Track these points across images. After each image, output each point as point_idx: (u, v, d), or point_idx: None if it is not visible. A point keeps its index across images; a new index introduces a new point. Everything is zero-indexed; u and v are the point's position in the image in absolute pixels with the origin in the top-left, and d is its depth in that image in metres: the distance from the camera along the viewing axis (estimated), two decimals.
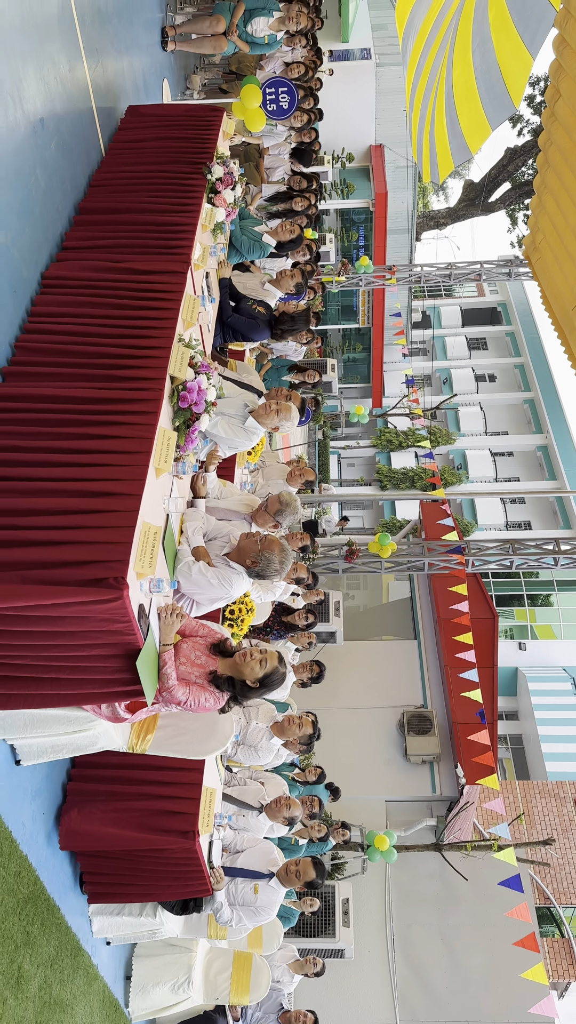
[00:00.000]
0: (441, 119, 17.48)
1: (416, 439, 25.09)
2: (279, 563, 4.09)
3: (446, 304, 32.70)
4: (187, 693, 3.52)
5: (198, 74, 8.42)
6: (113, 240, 4.52)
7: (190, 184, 5.01)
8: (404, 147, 21.08)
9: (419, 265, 16.27)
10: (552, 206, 9.82)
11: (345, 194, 20.85)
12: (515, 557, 11.16)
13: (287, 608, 7.36)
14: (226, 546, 4.21)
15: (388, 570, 11.32)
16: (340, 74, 19.30)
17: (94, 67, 5.48)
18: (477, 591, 12.72)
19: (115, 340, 3.90)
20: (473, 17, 14.53)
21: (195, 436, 4.00)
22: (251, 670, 3.65)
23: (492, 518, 25.53)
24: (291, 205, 7.87)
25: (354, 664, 12.02)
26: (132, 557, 3.16)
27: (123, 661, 3.27)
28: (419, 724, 10.87)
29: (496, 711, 11.48)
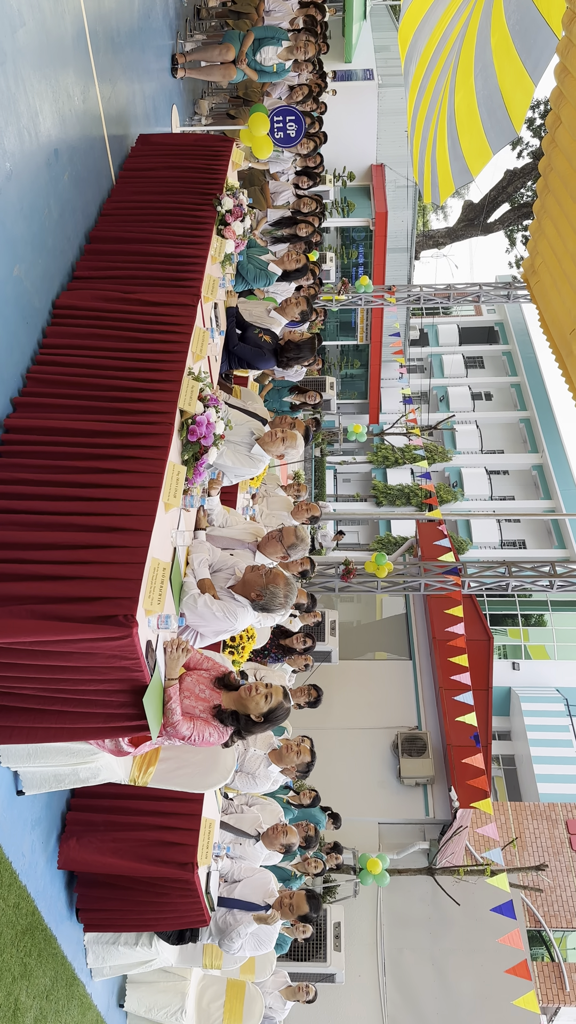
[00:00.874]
0: (443, 141, 17.65)
1: (412, 456, 25.19)
2: (284, 597, 4.11)
3: (443, 322, 32.87)
4: (191, 728, 3.53)
5: (206, 99, 8.49)
6: (124, 270, 4.56)
7: (200, 215, 5.05)
8: (405, 167, 21.26)
9: (418, 286, 16.38)
10: (551, 231, 9.92)
11: (346, 212, 20.99)
12: (511, 579, 11.20)
13: (285, 631, 7.37)
14: (231, 578, 4.22)
15: (384, 590, 11.34)
16: (343, 94, 19.46)
17: (107, 94, 5.54)
18: (472, 612, 12.74)
19: (125, 373, 3.93)
20: (476, 43, 14.69)
21: (203, 469, 4.03)
22: (256, 704, 3.65)
23: (487, 536, 25.58)
24: (296, 230, 7.92)
25: (349, 684, 12.00)
26: (141, 594, 3.18)
27: (129, 696, 3.28)
28: (413, 746, 10.86)
29: (490, 734, 11.47)
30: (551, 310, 10.60)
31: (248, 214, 5.31)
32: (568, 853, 15.47)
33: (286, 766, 5.74)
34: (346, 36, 21.04)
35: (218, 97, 9.00)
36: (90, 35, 5.20)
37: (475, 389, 30.40)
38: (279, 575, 4.12)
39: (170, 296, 4.38)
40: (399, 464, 26.75)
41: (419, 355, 30.98)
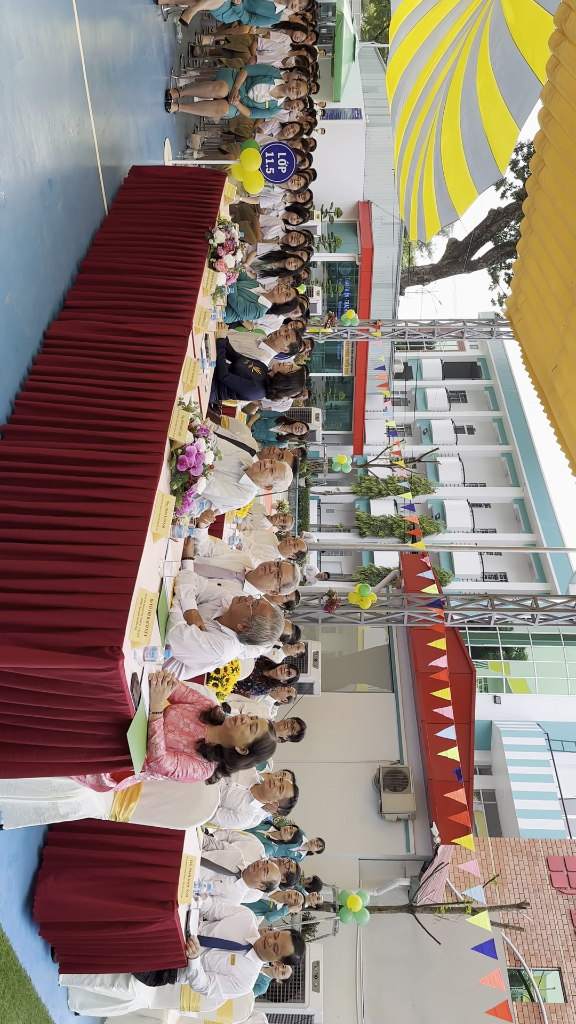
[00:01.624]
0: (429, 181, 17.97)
1: (396, 488, 25.29)
2: (270, 628, 4.07)
3: (427, 356, 33.24)
4: (175, 763, 3.46)
5: (198, 134, 8.61)
6: (115, 301, 4.57)
7: (192, 248, 5.09)
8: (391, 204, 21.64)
9: (403, 320, 16.58)
10: (535, 270, 10.10)
11: (332, 247, 21.28)
12: (494, 612, 11.21)
13: (268, 662, 7.31)
14: (217, 609, 4.18)
15: (368, 621, 11.31)
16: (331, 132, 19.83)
17: (101, 126, 5.59)
18: (455, 645, 12.71)
19: (115, 401, 3.92)
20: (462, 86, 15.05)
21: (192, 499, 4.01)
22: (241, 735, 3.60)
23: (469, 568, 25.63)
24: (285, 265, 8.00)
25: (331, 716, 11.90)
26: (128, 625, 3.14)
27: (112, 730, 3.22)
28: (395, 781, 10.75)
29: (472, 768, 11.40)
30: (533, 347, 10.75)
31: (239, 248, 5.36)
32: (548, 890, 15.32)
33: (268, 802, 5.66)
34: (335, 76, 21.50)
35: (210, 132, 9.13)
36: (86, 69, 5.26)
37: (458, 423, 30.67)
38: (266, 606, 4.08)
39: (161, 327, 4.39)
40: (383, 495, 26.84)
41: (403, 388, 31.26)
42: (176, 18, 7.57)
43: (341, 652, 15.93)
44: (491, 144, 15.16)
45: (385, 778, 10.85)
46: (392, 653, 13.30)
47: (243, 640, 4.06)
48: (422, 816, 10.73)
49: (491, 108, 14.26)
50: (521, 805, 18.36)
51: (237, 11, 7.36)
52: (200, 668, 4.09)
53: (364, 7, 34.34)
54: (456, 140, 16.14)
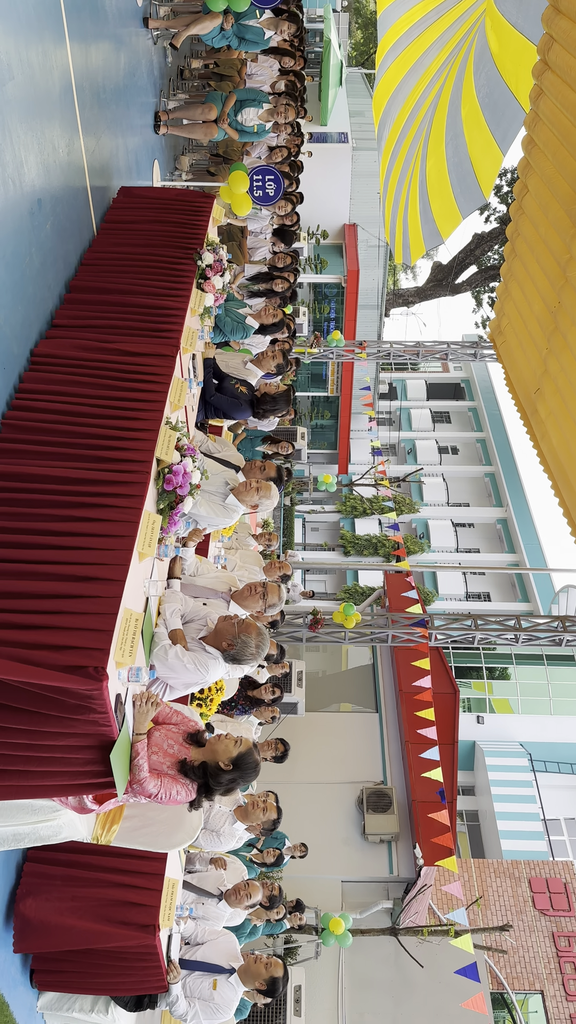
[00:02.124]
0: (414, 205, 18.19)
1: (380, 507, 25.36)
2: (256, 647, 4.06)
3: (412, 378, 33.49)
4: (159, 786, 3.43)
5: (187, 156, 8.68)
6: (103, 320, 4.57)
7: (180, 269, 5.12)
8: (377, 227, 21.88)
9: (388, 342, 16.70)
10: (518, 294, 10.23)
11: (319, 269, 21.46)
12: (478, 632, 11.22)
13: (252, 682, 7.28)
14: (203, 629, 4.16)
15: (352, 640, 11.28)
16: (318, 155, 20.07)
17: (91, 147, 5.63)
18: (439, 664, 12.71)
19: (103, 421, 3.91)
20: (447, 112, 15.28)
21: (178, 518, 4.00)
22: (225, 748, 3.57)
23: (453, 588, 25.70)
24: (272, 286, 8.05)
25: (314, 736, 11.84)
26: (113, 646, 3.12)
27: (96, 753, 3.18)
28: (378, 802, 10.70)
29: (456, 789, 11.36)
30: (516, 369, 10.87)
31: (227, 269, 5.39)
32: (531, 912, 15.24)
33: (251, 823, 5.61)
34: (322, 100, 21.78)
35: (198, 154, 9.20)
36: (77, 90, 5.30)
37: (442, 443, 30.88)
38: (251, 625, 4.07)
39: (149, 346, 4.41)
40: (367, 514, 26.91)
41: (388, 408, 31.46)
42: (166, 42, 7.65)
43: (325, 671, 15.88)
44: (476, 170, 15.38)
45: (368, 799, 10.79)
46: (376, 673, 13.27)
47: (228, 659, 4.04)
48: (405, 837, 10.67)
49: (476, 134, 14.48)
50: (504, 826, 18.30)
51: (227, 36, 7.46)
52: (184, 688, 4.06)
53: (351, 33, 34.90)
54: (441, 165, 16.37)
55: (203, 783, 3.52)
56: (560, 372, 8.31)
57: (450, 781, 10.88)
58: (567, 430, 8.26)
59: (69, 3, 5.05)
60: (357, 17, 36.53)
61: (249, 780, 3.67)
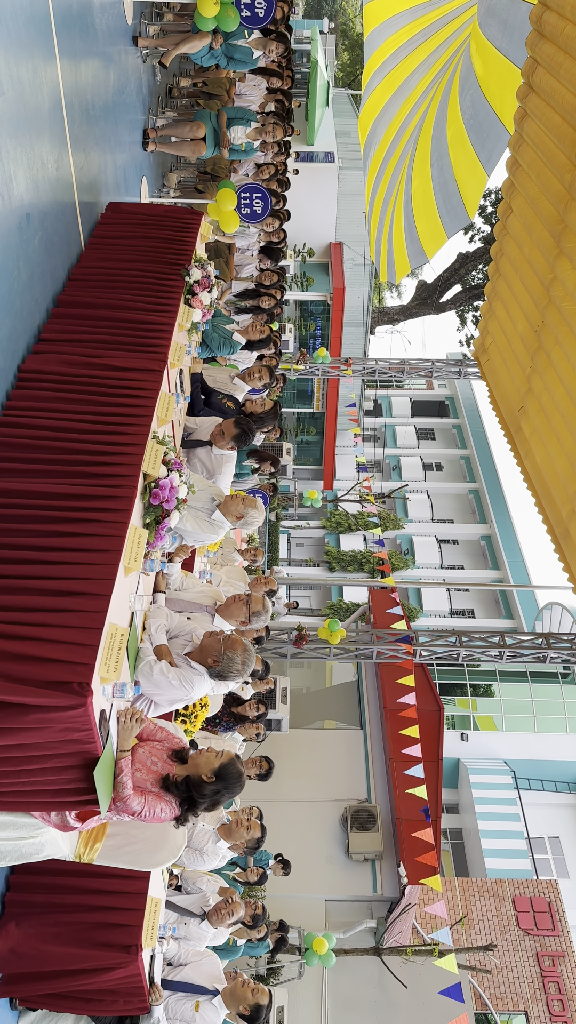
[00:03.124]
0: (399, 224, 18.37)
1: (366, 523, 25.42)
2: (241, 663, 4.05)
3: (397, 395, 33.70)
4: (142, 803, 3.40)
5: (175, 173, 8.74)
6: (91, 335, 4.58)
7: (168, 284, 5.14)
8: (362, 246, 22.09)
9: (373, 359, 16.82)
10: (502, 313, 10.34)
11: (305, 287, 21.61)
12: (462, 649, 11.25)
13: (237, 698, 7.25)
14: (188, 645, 4.15)
15: (337, 657, 11.27)
16: (305, 174, 20.25)
17: (79, 163, 5.66)
18: (423, 681, 12.72)
19: (90, 436, 3.91)
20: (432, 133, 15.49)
21: (164, 533, 3.99)
22: (207, 760, 3.56)
23: (437, 604, 25.75)
24: (259, 302, 8.10)
25: (298, 754, 11.78)
26: (97, 661, 3.10)
27: (80, 770, 3.16)
28: (362, 820, 10.65)
29: (440, 807, 11.34)
30: (500, 388, 10.97)
31: (215, 285, 5.42)
32: (515, 931, 15.19)
33: (235, 842, 5.57)
34: (309, 120, 22.02)
35: (186, 171, 9.27)
36: (66, 106, 5.33)
37: (426, 460, 31.04)
38: (237, 641, 4.06)
39: (137, 361, 4.42)
40: (352, 530, 26.96)
41: (373, 425, 31.61)
42: (155, 60, 7.72)
43: (309, 688, 15.83)
44: (461, 190, 15.58)
45: (352, 817, 10.74)
46: (361, 689, 13.25)
47: (213, 675, 4.02)
48: (389, 856, 10.62)
49: (461, 155, 14.68)
50: (488, 844, 18.26)
51: (215, 55, 7.53)
52: (169, 705, 4.04)
53: (338, 55, 35.36)
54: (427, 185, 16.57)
55: (187, 797, 3.50)
56: (544, 390, 8.40)
57: (434, 799, 10.86)
58: (550, 448, 8.33)
59: (60, 20, 5.09)
60: (344, 39, 37.04)
61: (234, 792, 3.65)
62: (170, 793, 3.50)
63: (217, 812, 5.71)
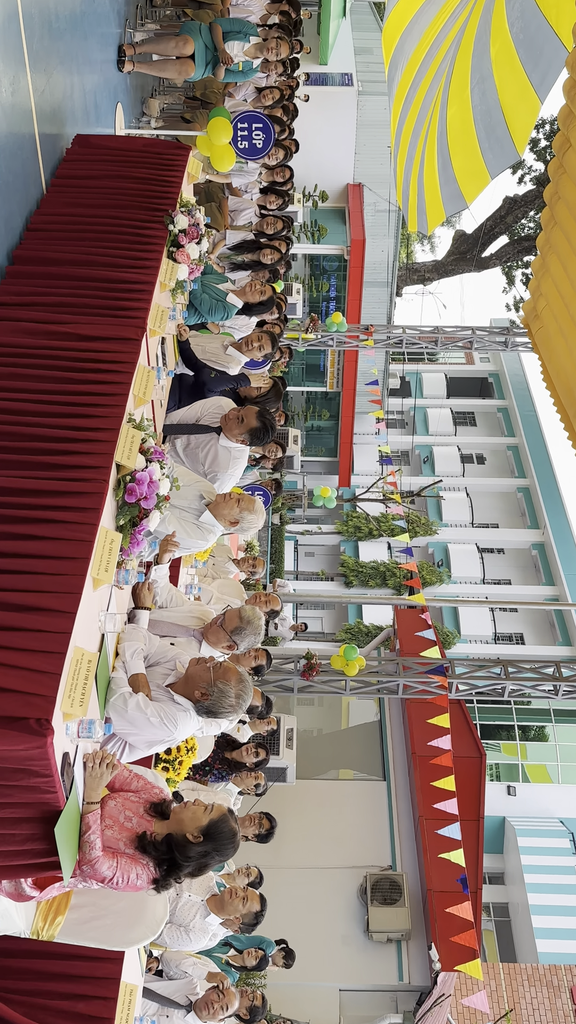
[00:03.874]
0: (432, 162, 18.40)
1: (390, 528, 25.43)
2: (235, 697, 4.07)
3: (429, 371, 33.72)
4: (114, 867, 3.42)
5: (157, 99, 8.78)
6: (53, 298, 4.62)
7: (148, 235, 5.18)
8: (387, 188, 22.09)
9: (400, 327, 16.85)
10: (557, 269, 10.33)
11: (316, 238, 21.64)
12: (508, 682, 11.24)
13: (231, 741, 7.27)
14: (171, 674, 4.17)
15: (355, 691, 11.29)
16: (316, 101, 20.28)
17: (40, 86, 5.69)
18: (461, 721, 12.73)
19: (51, 419, 3.94)
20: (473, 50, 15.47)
21: (142, 537, 4.02)
22: (193, 816, 3.57)
23: (478, 628, 25.73)
24: (259, 257, 8.13)
25: (307, 810, 11.81)
26: (60, 693, 3.12)
27: (38, 826, 3.18)
28: (385, 891, 10.68)
29: (481, 876, 11.35)
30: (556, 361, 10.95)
31: (205, 235, 5.45)
32: None
33: (229, 916, 5.60)
34: (322, 35, 22.04)
35: (171, 97, 9.31)
36: (24, 17, 5.36)
37: (465, 450, 31.03)
38: (230, 670, 4.08)
39: (109, 329, 4.44)
40: (374, 536, 26.96)
41: (399, 407, 31.63)
42: None
43: (321, 730, 15.85)
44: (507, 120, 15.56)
45: (373, 888, 10.76)
46: (384, 731, 13.26)
47: (201, 712, 4.04)
48: (418, 936, 10.64)
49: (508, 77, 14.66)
50: (540, 923, 18.23)
51: None
52: (148, 747, 4.07)
53: None
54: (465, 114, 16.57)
55: (168, 859, 3.51)
56: None
57: (474, 866, 10.87)
58: None
59: None
60: None
61: (225, 855, 3.67)
62: (148, 855, 3.51)
63: (207, 881, 5.73)
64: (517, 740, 22.20)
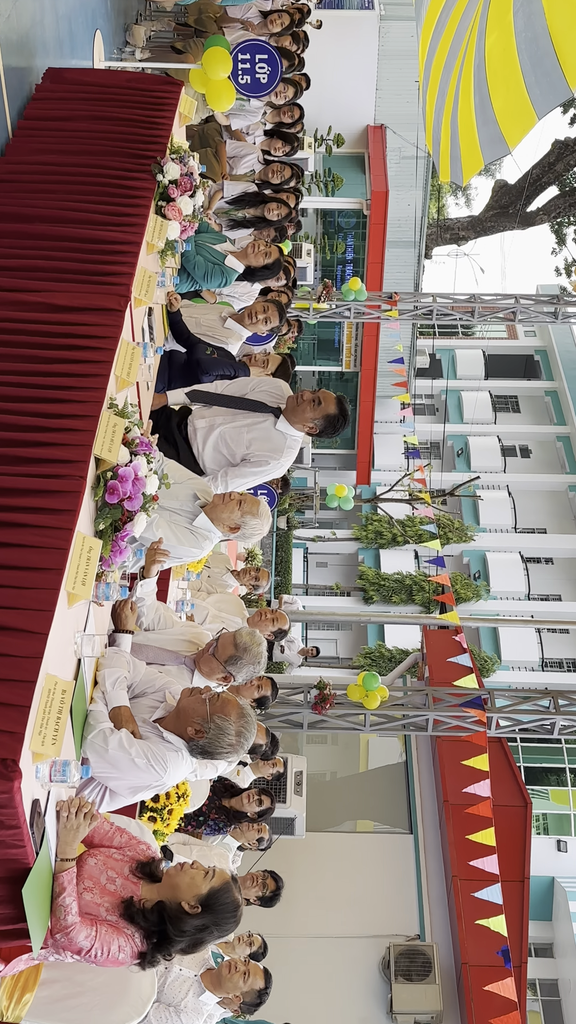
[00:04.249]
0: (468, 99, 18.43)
1: (417, 533, 25.41)
2: (235, 735, 4.08)
3: (463, 347, 33.71)
4: (92, 937, 3.42)
5: (143, 25, 8.81)
6: (21, 260, 4.63)
7: (132, 187, 5.19)
8: (414, 131, 22.07)
9: (430, 294, 16.84)
10: None
11: (330, 190, 21.64)
12: (558, 717, 11.22)
13: (230, 786, 7.28)
14: (159, 707, 4.18)
15: (376, 727, 11.28)
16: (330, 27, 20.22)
17: (4, 11, 5.71)
18: (503, 763, 12.72)
19: (18, 405, 3.94)
20: None
21: (125, 544, 4.02)
22: (191, 882, 3.59)
23: (522, 652, 25.72)
24: (263, 212, 8.15)
25: (319, 868, 11.81)
26: (29, 729, 3.13)
27: (3, 887, 3.19)
28: (412, 964, 10.68)
29: (526, 946, 11.34)
30: None
31: (200, 186, 5.46)
32: None
33: (227, 994, 5.60)
34: None
35: (159, 23, 9.34)
36: None
37: (507, 441, 31.03)
38: (230, 703, 4.09)
39: (87, 298, 4.44)
40: (398, 544, 26.96)
41: (429, 390, 31.61)
42: None
43: (336, 773, 15.85)
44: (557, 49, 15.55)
45: (398, 960, 10.76)
46: (410, 775, 13.26)
47: (195, 752, 4.05)
48: (451, 1018, 10.65)
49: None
50: None
51: None
52: (132, 794, 4.07)
53: None
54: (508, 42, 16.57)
55: (158, 931, 3.51)
56: None
57: (517, 935, 10.86)
58: None
59: None
60: None
61: (225, 929, 3.69)
62: (134, 924, 3.52)
63: (202, 953, 5.74)
64: (569, 786, 22.18)
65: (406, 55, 21.56)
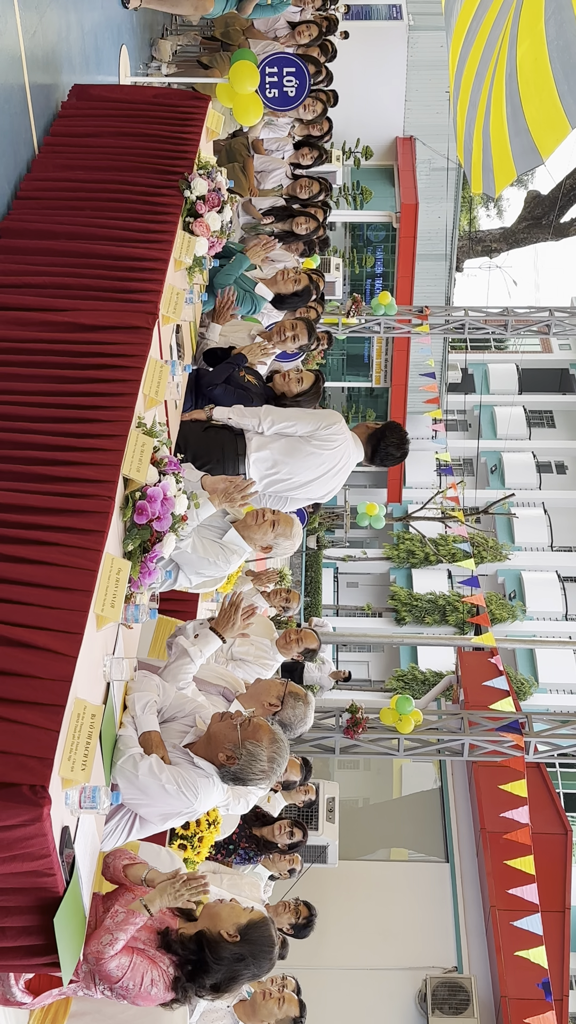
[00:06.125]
0: (500, 109, 18.42)
1: (451, 553, 25.32)
2: (268, 762, 4.06)
3: (496, 361, 33.61)
4: (124, 967, 3.42)
5: (169, 40, 8.88)
6: (47, 278, 4.66)
7: (159, 203, 5.23)
8: (444, 142, 22.10)
9: (461, 308, 16.83)
10: None
11: (359, 203, 21.69)
12: None
13: (261, 815, 7.24)
14: (189, 732, 4.17)
15: (410, 752, 11.22)
16: (358, 38, 20.32)
17: (31, 27, 5.77)
18: (542, 789, 12.62)
19: (46, 425, 3.96)
20: None
21: (154, 564, 4.03)
22: (231, 912, 3.64)
23: (561, 675, 25.52)
24: (291, 226, 8.18)
25: (352, 898, 11.74)
26: (58, 754, 3.13)
27: (34, 916, 3.18)
28: (450, 998, 10.60)
29: (567, 978, 11.22)
30: None
31: (228, 202, 5.49)
32: None
33: (261, 1023, 5.57)
34: None
35: (186, 37, 9.42)
36: None
37: (542, 457, 30.88)
38: (262, 727, 4.08)
39: (114, 316, 4.46)
40: (431, 563, 26.85)
41: (461, 406, 31.54)
42: None
43: (368, 800, 15.77)
44: None
45: (435, 994, 10.68)
46: (445, 802, 13.17)
47: (227, 778, 4.04)
48: None
49: None
50: None
51: None
52: (162, 821, 4.06)
53: None
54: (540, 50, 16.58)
55: (196, 960, 3.53)
56: None
57: (559, 967, 10.75)
58: None
59: None
60: None
61: (261, 965, 3.72)
62: (171, 953, 3.53)
63: None
64: None
65: (436, 65, 21.61)
